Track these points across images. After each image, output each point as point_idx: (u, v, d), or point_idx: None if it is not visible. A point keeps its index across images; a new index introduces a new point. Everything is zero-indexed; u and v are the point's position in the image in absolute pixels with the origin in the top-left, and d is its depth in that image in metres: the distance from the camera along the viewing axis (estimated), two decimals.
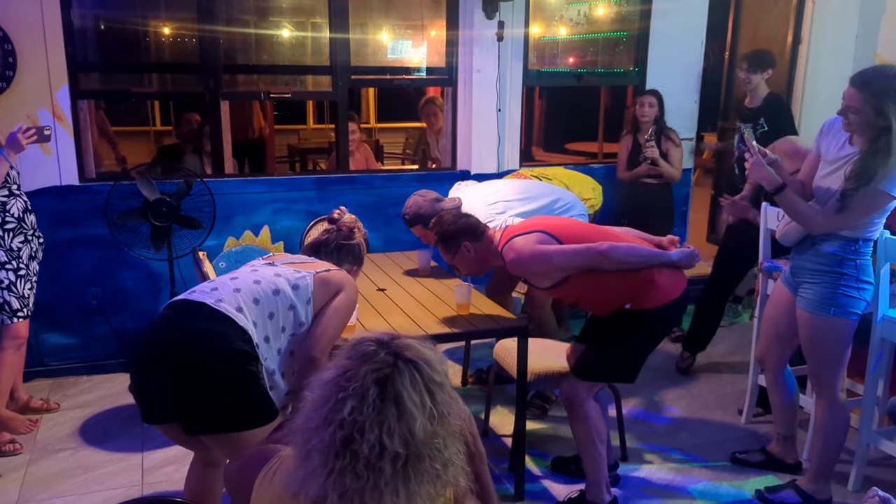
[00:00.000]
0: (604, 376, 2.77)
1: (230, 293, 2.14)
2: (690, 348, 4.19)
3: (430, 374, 1.16)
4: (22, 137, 3.15)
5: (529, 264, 2.64)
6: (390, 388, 1.12)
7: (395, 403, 1.11)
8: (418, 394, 1.13)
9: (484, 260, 2.82)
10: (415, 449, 1.11)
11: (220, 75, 4.19)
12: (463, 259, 2.81)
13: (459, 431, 1.20)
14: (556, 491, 3.00)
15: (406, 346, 1.19)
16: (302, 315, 2.24)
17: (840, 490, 3.01)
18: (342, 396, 1.12)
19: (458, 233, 2.79)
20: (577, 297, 2.85)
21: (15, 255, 3.23)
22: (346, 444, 1.10)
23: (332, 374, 1.17)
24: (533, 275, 2.71)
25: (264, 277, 2.22)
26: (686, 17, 4.93)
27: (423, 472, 1.12)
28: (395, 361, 1.15)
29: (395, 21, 7.00)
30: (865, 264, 2.68)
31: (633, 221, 4.55)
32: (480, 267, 2.86)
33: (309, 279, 2.26)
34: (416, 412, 1.11)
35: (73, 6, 3.82)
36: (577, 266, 2.60)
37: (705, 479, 3.12)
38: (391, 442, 1.09)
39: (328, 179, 4.45)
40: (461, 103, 4.61)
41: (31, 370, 3.85)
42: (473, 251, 2.78)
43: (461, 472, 1.19)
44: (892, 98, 2.45)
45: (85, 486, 3.00)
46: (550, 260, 2.60)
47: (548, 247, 2.60)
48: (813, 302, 2.71)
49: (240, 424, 2.02)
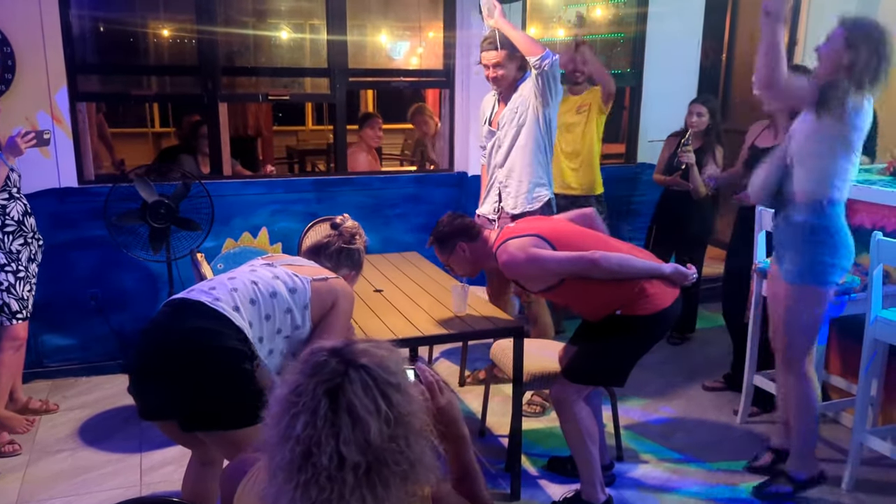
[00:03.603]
0: (592, 379, 2.78)
1: (227, 292, 2.17)
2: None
3: (383, 378, 1.14)
4: (21, 142, 3.15)
5: (522, 267, 2.66)
6: (342, 398, 1.10)
7: (347, 413, 1.10)
8: (371, 400, 1.11)
9: (478, 261, 2.84)
10: (374, 455, 1.10)
11: (218, 77, 4.20)
12: (458, 259, 2.83)
13: (423, 428, 1.18)
14: (552, 490, 3.02)
15: (359, 351, 1.17)
16: (298, 319, 2.26)
17: (834, 490, 3.03)
18: (295, 412, 1.11)
19: (453, 233, 2.81)
20: (568, 302, 2.88)
21: (14, 257, 3.25)
22: (305, 458, 1.09)
23: (283, 390, 1.15)
24: (525, 278, 2.74)
25: (262, 279, 2.25)
26: (683, 19, 4.95)
27: (389, 476, 1.12)
28: (345, 370, 1.13)
29: (392, 23, 7.02)
30: (838, 228, 2.69)
31: (663, 230, 4.56)
32: (475, 267, 2.89)
33: (306, 284, 2.28)
34: (369, 419, 1.10)
35: (72, 8, 3.84)
36: (569, 272, 2.62)
37: (701, 479, 3.14)
38: (349, 451, 1.08)
39: (326, 181, 4.46)
40: (459, 105, 4.62)
41: (30, 371, 3.87)
42: (469, 251, 2.80)
43: (432, 469, 1.18)
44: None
45: (84, 487, 3.02)
46: (543, 265, 2.62)
47: (541, 252, 2.63)
48: (791, 272, 2.76)
49: (235, 422, 2.04)
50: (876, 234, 2.88)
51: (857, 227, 3.42)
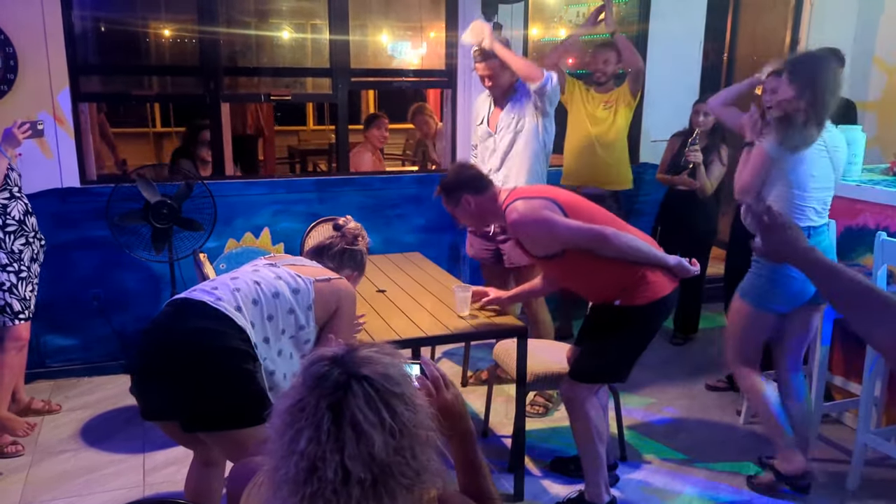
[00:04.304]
0: (595, 377, 2.77)
1: (229, 293, 2.17)
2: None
3: (387, 388, 1.12)
4: (18, 133, 3.19)
5: (531, 228, 2.60)
6: (345, 412, 1.09)
7: (351, 427, 1.08)
8: (375, 412, 1.09)
9: (484, 215, 2.78)
10: (380, 468, 1.09)
11: (220, 77, 4.20)
12: (462, 212, 2.75)
13: (428, 437, 1.15)
14: (556, 491, 3.01)
15: (362, 360, 1.15)
16: (302, 319, 2.25)
17: (838, 490, 3.02)
18: (298, 427, 1.09)
19: (459, 185, 2.73)
20: (565, 276, 2.82)
21: (16, 257, 3.24)
22: (310, 473, 1.08)
23: (286, 403, 1.14)
24: (531, 240, 2.67)
25: (264, 279, 2.24)
26: (685, 19, 4.94)
27: (395, 487, 1.10)
28: (347, 381, 1.11)
29: (394, 23, 7.02)
30: (783, 273, 2.71)
31: (667, 230, 4.54)
32: (479, 221, 2.83)
33: (309, 285, 2.27)
34: (373, 433, 1.08)
35: (74, 9, 3.83)
36: (576, 243, 2.57)
37: (704, 479, 3.13)
38: (354, 465, 1.07)
39: (328, 181, 4.46)
40: (461, 105, 4.62)
41: (32, 372, 3.86)
42: (474, 205, 2.71)
43: (439, 475, 1.17)
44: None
45: (87, 488, 3.02)
46: (553, 230, 2.56)
47: (553, 216, 2.56)
48: (742, 288, 2.91)
49: (236, 422, 2.04)
50: (880, 235, 2.87)
51: (861, 227, 3.41)
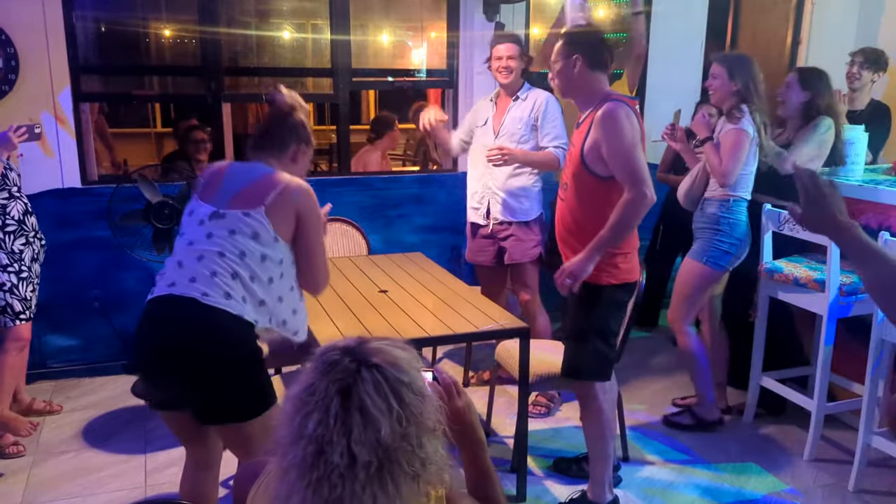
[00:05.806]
0: (589, 373, 2.73)
1: (208, 279, 2.07)
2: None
3: (395, 376, 1.14)
4: (14, 136, 3.19)
5: (618, 126, 2.52)
6: (353, 397, 1.11)
7: (359, 412, 1.10)
8: (383, 398, 1.12)
9: (576, 85, 2.68)
10: (386, 454, 1.11)
11: (221, 77, 4.19)
12: (564, 68, 2.67)
13: (436, 428, 1.18)
14: (558, 491, 3.01)
15: (372, 350, 1.17)
16: (277, 255, 2.15)
17: (840, 490, 3.02)
18: (307, 411, 1.12)
19: (583, 44, 2.65)
20: (581, 205, 2.69)
21: (17, 257, 3.24)
22: (317, 457, 1.10)
23: (297, 389, 1.16)
24: (608, 136, 2.55)
25: (223, 244, 2.10)
26: (686, 19, 4.94)
27: (400, 475, 1.12)
28: (357, 368, 1.13)
29: (395, 23, 7.02)
30: (736, 222, 3.28)
31: (669, 229, 4.54)
32: (569, 88, 2.72)
33: (262, 218, 2.12)
34: (381, 418, 1.10)
35: (75, 9, 3.83)
36: (627, 174, 2.52)
37: (707, 479, 3.13)
38: (360, 449, 1.09)
39: (329, 181, 4.45)
40: (462, 105, 4.61)
41: (33, 372, 3.86)
42: (578, 70, 2.63)
43: (445, 469, 1.19)
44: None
45: (88, 488, 3.01)
46: (627, 146, 2.52)
47: (635, 140, 2.54)
48: (695, 252, 3.37)
49: (250, 411, 2.08)
50: (882, 235, 2.87)
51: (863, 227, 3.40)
